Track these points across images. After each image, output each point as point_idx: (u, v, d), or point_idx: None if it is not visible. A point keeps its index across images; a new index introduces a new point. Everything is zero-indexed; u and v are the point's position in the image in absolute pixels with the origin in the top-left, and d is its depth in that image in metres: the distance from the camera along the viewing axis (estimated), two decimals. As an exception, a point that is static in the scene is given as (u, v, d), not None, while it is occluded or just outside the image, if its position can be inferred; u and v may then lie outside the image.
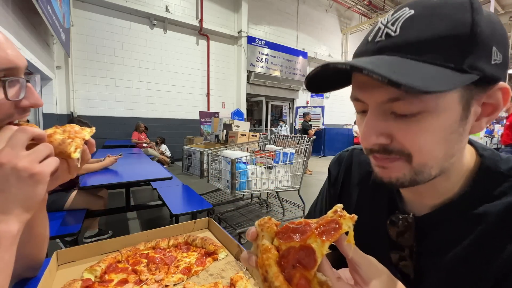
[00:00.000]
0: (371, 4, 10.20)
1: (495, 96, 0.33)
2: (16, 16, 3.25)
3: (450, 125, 0.32)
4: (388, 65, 0.30)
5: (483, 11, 0.31)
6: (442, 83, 0.28)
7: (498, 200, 0.35)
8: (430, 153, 0.34)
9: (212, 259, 0.74)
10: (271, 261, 0.30)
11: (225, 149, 2.81)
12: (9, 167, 0.40)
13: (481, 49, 0.30)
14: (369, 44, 0.35)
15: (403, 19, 0.32)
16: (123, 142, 5.93)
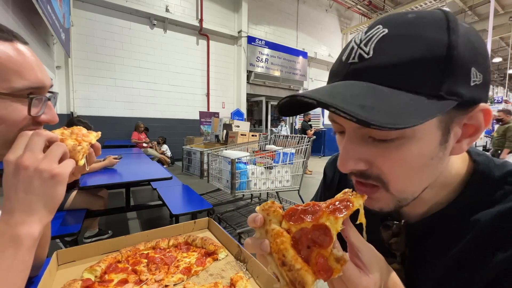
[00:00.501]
0: (371, 4, 10.20)
1: (476, 118, 0.32)
2: (16, 16, 3.25)
3: (430, 151, 0.31)
4: (357, 97, 0.28)
5: (461, 29, 0.29)
6: (414, 116, 0.26)
7: (490, 208, 0.34)
8: (408, 180, 0.33)
9: (212, 259, 0.74)
10: (287, 245, 0.29)
11: (225, 149, 2.81)
12: (32, 169, 0.41)
13: (459, 72, 0.28)
14: (342, 65, 0.33)
15: (376, 39, 0.30)
16: (123, 142, 5.93)
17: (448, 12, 0.30)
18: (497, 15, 10.08)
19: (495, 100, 10.51)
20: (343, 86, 0.31)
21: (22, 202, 0.41)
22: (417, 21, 0.30)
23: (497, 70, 18.29)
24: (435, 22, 0.29)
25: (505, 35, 11.80)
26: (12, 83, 0.42)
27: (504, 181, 0.35)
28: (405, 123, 0.25)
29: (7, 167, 0.42)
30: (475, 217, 0.35)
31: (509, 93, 17.71)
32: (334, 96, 0.28)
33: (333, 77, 0.35)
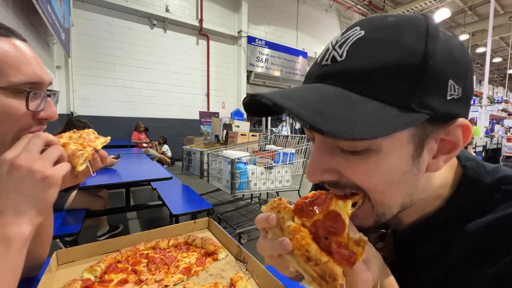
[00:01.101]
0: (371, 4, 10.20)
1: (454, 133, 0.29)
2: (16, 16, 3.25)
3: (401, 166, 0.29)
4: (320, 102, 0.26)
5: (442, 37, 0.27)
6: (376, 128, 0.24)
7: (480, 218, 0.32)
8: (383, 193, 0.31)
9: (212, 259, 0.74)
10: (308, 239, 0.29)
11: (225, 149, 2.81)
12: (26, 169, 0.41)
13: (433, 83, 0.26)
14: (316, 67, 0.32)
15: (351, 41, 0.29)
16: (123, 142, 5.93)
17: (430, 18, 0.29)
18: (497, 15, 10.08)
19: (495, 100, 10.50)
20: (309, 89, 0.29)
21: (13, 202, 0.41)
22: (396, 26, 0.28)
23: (497, 70, 18.29)
24: (414, 28, 0.28)
25: (505, 35, 11.81)
26: (9, 77, 0.42)
27: (494, 188, 0.33)
28: (364, 134, 0.24)
29: (2, 165, 0.42)
30: (464, 227, 0.33)
31: (509, 93, 17.70)
32: (294, 99, 0.27)
33: (306, 79, 0.34)
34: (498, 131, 8.85)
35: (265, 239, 0.33)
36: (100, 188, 2.42)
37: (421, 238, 0.37)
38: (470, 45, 13.06)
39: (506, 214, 0.31)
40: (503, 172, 0.34)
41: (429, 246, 0.36)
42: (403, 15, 0.30)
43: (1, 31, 0.44)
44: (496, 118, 15.83)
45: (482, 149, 6.98)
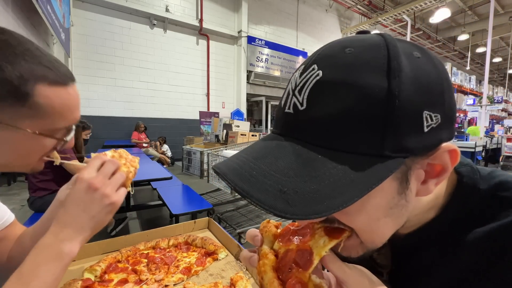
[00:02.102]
0: (371, 4, 10.19)
1: (441, 158, 0.27)
2: (16, 16, 3.25)
3: (386, 203, 0.28)
4: (280, 174, 0.25)
5: (406, 66, 0.24)
6: (347, 194, 0.23)
7: (480, 226, 0.31)
8: (371, 232, 0.30)
9: (212, 259, 0.74)
10: (267, 267, 0.30)
11: (225, 149, 2.81)
12: (100, 193, 0.45)
13: (405, 123, 0.24)
14: (280, 113, 0.30)
15: (309, 86, 0.26)
16: (123, 142, 5.93)
17: (390, 45, 0.25)
18: (497, 15, 10.07)
19: (495, 100, 10.50)
20: (270, 155, 0.27)
21: (78, 220, 0.44)
22: (354, 61, 0.25)
23: (497, 70, 18.29)
24: (373, 62, 0.25)
25: (505, 35, 11.80)
26: (55, 123, 0.46)
27: (491, 195, 0.32)
28: (334, 207, 0.22)
29: (80, 184, 0.45)
30: (462, 236, 0.32)
31: (509, 93, 17.71)
32: (255, 178, 0.25)
33: (274, 126, 0.32)
34: (498, 131, 8.84)
35: (246, 251, 0.35)
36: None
37: (417, 248, 0.36)
38: (470, 45, 13.06)
39: (508, 223, 0.29)
40: (498, 178, 0.33)
41: (426, 256, 0.35)
42: (362, 43, 0.27)
43: (62, 79, 0.46)
44: (496, 118, 15.83)
45: (482, 149, 6.98)
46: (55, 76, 0.45)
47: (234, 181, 0.25)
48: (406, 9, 9.12)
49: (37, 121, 0.43)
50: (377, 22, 10.25)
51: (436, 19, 9.32)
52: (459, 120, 13.92)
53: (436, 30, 12.63)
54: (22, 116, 0.42)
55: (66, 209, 0.45)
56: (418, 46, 0.28)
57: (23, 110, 0.41)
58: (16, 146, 0.44)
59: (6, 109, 0.40)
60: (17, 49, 0.41)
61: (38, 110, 0.42)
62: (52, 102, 0.44)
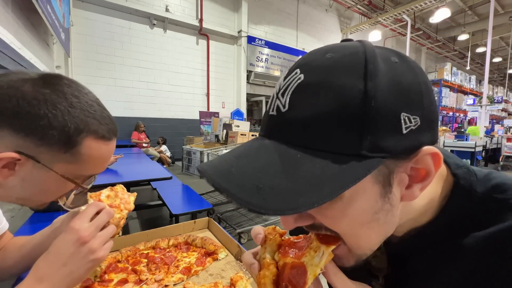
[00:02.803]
0: (371, 4, 10.19)
1: (423, 162, 0.27)
2: (16, 16, 3.25)
3: (370, 207, 0.28)
4: (259, 171, 0.25)
5: (383, 69, 0.25)
6: (324, 191, 0.23)
7: (478, 230, 0.30)
8: (356, 236, 0.30)
9: (212, 259, 0.74)
10: (267, 280, 0.31)
11: (225, 149, 2.81)
12: (88, 247, 0.46)
13: (382, 124, 0.24)
14: (265, 116, 0.31)
15: (292, 88, 0.27)
16: (123, 142, 5.93)
17: (368, 50, 0.26)
18: (497, 15, 10.08)
19: (495, 100, 10.50)
20: (252, 154, 0.28)
21: (55, 275, 0.44)
22: (332, 65, 0.26)
23: (497, 70, 18.30)
24: (350, 65, 0.26)
25: (505, 35, 11.81)
26: (84, 172, 0.48)
27: (488, 198, 0.31)
28: (309, 203, 0.22)
29: (70, 234, 0.46)
30: (462, 240, 0.31)
31: (509, 93, 17.71)
32: (233, 175, 0.26)
33: (260, 129, 0.33)
34: (498, 131, 8.84)
35: (249, 253, 0.36)
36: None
37: (413, 252, 0.35)
38: (470, 45, 13.06)
39: (506, 227, 0.29)
40: (495, 180, 0.32)
41: (422, 260, 0.34)
42: (342, 49, 0.28)
43: (109, 134, 0.49)
44: (496, 118, 15.82)
45: (482, 149, 6.98)
46: (104, 132, 0.48)
47: (212, 177, 0.26)
48: (406, 9, 9.12)
49: (70, 166, 0.45)
50: (377, 22, 10.25)
51: (436, 19, 9.31)
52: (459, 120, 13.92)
53: (436, 30, 12.63)
54: (60, 160, 0.44)
55: (48, 258, 0.45)
56: (396, 52, 0.29)
57: (65, 156, 0.44)
58: (42, 185, 0.45)
59: (51, 152, 0.42)
60: (80, 100, 0.46)
61: (77, 157, 0.45)
62: (93, 153, 0.46)
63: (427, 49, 14.11)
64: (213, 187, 0.26)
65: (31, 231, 1.68)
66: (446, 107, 12.95)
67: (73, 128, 0.43)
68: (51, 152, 0.43)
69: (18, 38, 3.23)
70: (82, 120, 0.44)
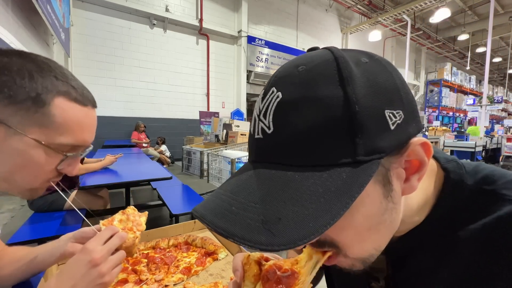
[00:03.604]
0: (371, 4, 10.19)
1: (415, 153, 0.27)
2: (16, 16, 3.25)
3: (376, 210, 0.27)
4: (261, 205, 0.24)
5: (357, 72, 0.25)
6: (333, 210, 0.22)
7: (472, 222, 0.31)
8: (364, 243, 0.29)
9: (212, 259, 0.74)
10: None
11: (225, 149, 2.81)
12: (98, 270, 0.46)
13: (370, 126, 0.24)
14: (251, 140, 0.30)
15: (272, 108, 0.27)
16: (123, 142, 5.93)
17: (337, 55, 0.26)
18: (497, 15, 10.08)
19: (495, 100, 10.50)
20: (248, 186, 0.27)
21: None
22: (307, 78, 0.26)
23: (497, 70, 18.29)
24: (325, 74, 0.25)
25: (505, 35, 11.81)
26: (61, 138, 0.45)
27: (478, 190, 0.32)
28: (322, 225, 0.21)
29: (84, 255, 0.46)
30: (457, 234, 0.32)
31: (509, 93, 17.71)
32: (233, 214, 0.24)
33: (249, 154, 0.32)
34: (498, 131, 8.84)
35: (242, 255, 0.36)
36: (100, 188, 2.42)
37: (412, 251, 0.35)
38: (470, 45, 13.06)
39: (498, 217, 0.29)
40: (483, 171, 0.33)
41: (424, 255, 0.34)
42: (312, 59, 0.27)
43: (83, 99, 0.47)
44: (496, 118, 15.83)
45: (482, 149, 6.98)
46: (77, 96, 0.46)
47: (213, 222, 0.25)
48: (406, 9, 9.12)
49: (45, 130, 0.43)
50: (377, 22, 10.25)
51: (436, 19, 9.31)
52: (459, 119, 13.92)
53: (436, 30, 12.63)
54: (33, 123, 0.42)
55: (60, 277, 0.46)
56: (364, 52, 0.29)
57: (35, 116, 0.42)
58: (20, 157, 0.43)
59: (20, 112, 0.41)
60: (54, 70, 0.44)
61: (50, 118, 0.43)
62: (65, 114, 0.44)
63: (427, 49, 14.11)
64: (217, 233, 0.24)
65: (31, 231, 1.68)
66: (446, 107, 12.97)
67: (42, 87, 0.41)
68: (21, 112, 0.40)
69: (18, 38, 3.23)
70: (52, 82, 0.43)
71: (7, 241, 1.48)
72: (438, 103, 13.12)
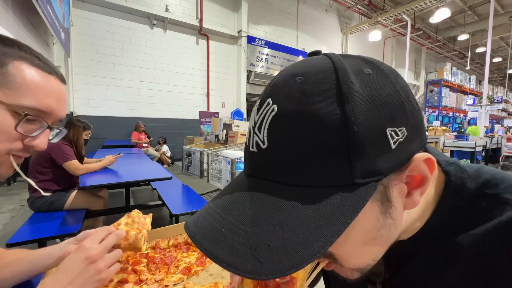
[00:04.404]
0: (371, 4, 10.19)
1: (418, 169, 0.26)
2: (16, 16, 3.25)
3: (372, 226, 0.27)
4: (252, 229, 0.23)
5: (357, 87, 0.23)
6: (325, 235, 0.21)
7: (473, 228, 0.30)
8: (360, 257, 0.29)
9: (212, 259, 0.74)
10: None
11: (225, 149, 2.81)
12: (95, 266, 0.46)
13: (369, 146, 0.23)
14: (246, 152, 0.29)
15: (267, 122, 0.25)
16: (123, 142, 5.93)
17: (337, 66, 0.24)
18: (497, 15, 10.07)
19: (495, 100, 10.50)
20: (240, 204, 0.26)
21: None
22: (304, 90, 0.24)
23: (497, 70, 18.30)
24: (323, 88, 0.24)
25: (505, 35, 11.81)
26: (23, 99, 0.43)
27: (480, 194, 0.31)
28: (315, 252, 0.21)
29: (80, 252, 0.47)
30: (458, 239, 0.31)
31: (509, 93, 17.71)
32: (223, 237, 0.24)
33: (244, 165, 0.31)
34: (498, 131, 8.84)
35: None
36: (100, 188, 2.42)
37: (412, 255, 0.34)
38: (470, 45, 13.06)
39: (500, 222, 0.28)
40: (485, 175, 0.32)
41: (423, 261, 0.34)
42: (311, 69, 0.26)
43: (46, 67, 0.46)
44: (496, 118, 15.83)
45: (482, 149, 6.98)
46: (40, 63, 0.45)
47: (202, 244, 0.24)
48: (406, 9, 9.12)
49: (5, 91, 0.41)
50: (377, 22, 10.25)
51: (436, 19, 9.31)
52: (459, 120, 13.91)
53: (436, 30, 12.63)
54: None
55: (56, 275, 0.45)
56: (367, 60, 0.27)
57: None
58: None
59: None
60: (18, 44, 0.43)
61: (8, 78, 0.41)
62: (25, 76, 0.43)
63: (427, 49, 14.11)
64: (205, 255, 0.23)
65: (31, 231, 1.68)
66: (446, 107, 12.96)
67: (1, 52, 0.41)
68: None
69: (18, 38, 3.22)
70: (14, 50, 0.42)
71: (7, 241, 1.48)
72: (438, 103, 13.13)
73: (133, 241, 0.57)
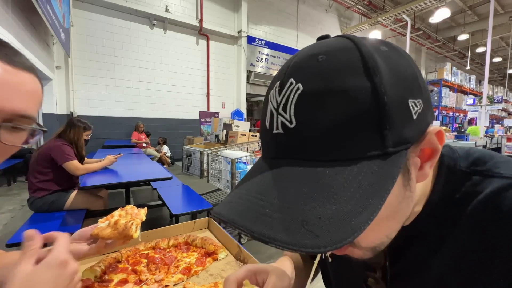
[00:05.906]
0: (371, 4, 10.18)
1: (430, 141, 0.28)
2: (16, 16, 3.26)
3: (395, 198, 0.27)
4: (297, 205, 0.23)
5: (381, 62, 0.24)
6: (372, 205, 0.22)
7: (463, 206, 0.31)
8: (379, 232, 0.29)
9: (212, 259, 0.74)
10: None
11: (225, 149, 2.81)
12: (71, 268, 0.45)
13: (397, 116, 0.24)
14: (269, 135, 0.28)
15: (293, 101, 0.25)
16: (123, 142, 5.93)
17: (360, 45, 0.25)
18: (497, 15, 10.07)
19: (495, 99, 10.49)
20: (276, 185, 0.25)
21: None
22: (329, 68, 0.25)
23: (497, 70, 18.29)
24: (349, 65, 0.24)
25: (505, 35, 11.80)
26: None
27: (471, 171, 0.33)
28: (363, 222, 0.21)
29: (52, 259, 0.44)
30: (455, 215, 0.32)
31: (509, 92, 17.71)
32: (269, 217, 0.23)
33: (266, 151, 0.30)
34: (498, 131, 8.83)
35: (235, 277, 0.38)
36: (100, 188, 2.42)
37: (409, 240, 0.35)
38: (470, 45, 13.06)
39: (491, 191, 0.30)
40: (475, 154, 0.34)
41: (418, 248, 0.34)
42: (331, 48, 0.26)
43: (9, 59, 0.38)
44: (496, 117, 15.82)
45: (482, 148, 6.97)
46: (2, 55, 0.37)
47: (247, 227, 0.23)
48: (406, 9, 9.11)
49: None
50: (377, 22, 10.25)
51: (436, 19, 9.31)
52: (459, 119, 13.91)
53: (436, 30, 12.62)
54: None
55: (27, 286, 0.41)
56: (380, 40, 0.28)
57: None
58: None
59: None
60: None
61: None
62: None
63: (427, 49, 14.11)
64: (254, 238, 0.22)
65: (31, 231, 1.68)
66: (446, 107, 12.95)
67: None
68: None
69: (18, 38, 3.23)
70: None
71: (7, 242, 1.48)
72: (438, 103, 13.12)
73: (122, 230, 0.57)
